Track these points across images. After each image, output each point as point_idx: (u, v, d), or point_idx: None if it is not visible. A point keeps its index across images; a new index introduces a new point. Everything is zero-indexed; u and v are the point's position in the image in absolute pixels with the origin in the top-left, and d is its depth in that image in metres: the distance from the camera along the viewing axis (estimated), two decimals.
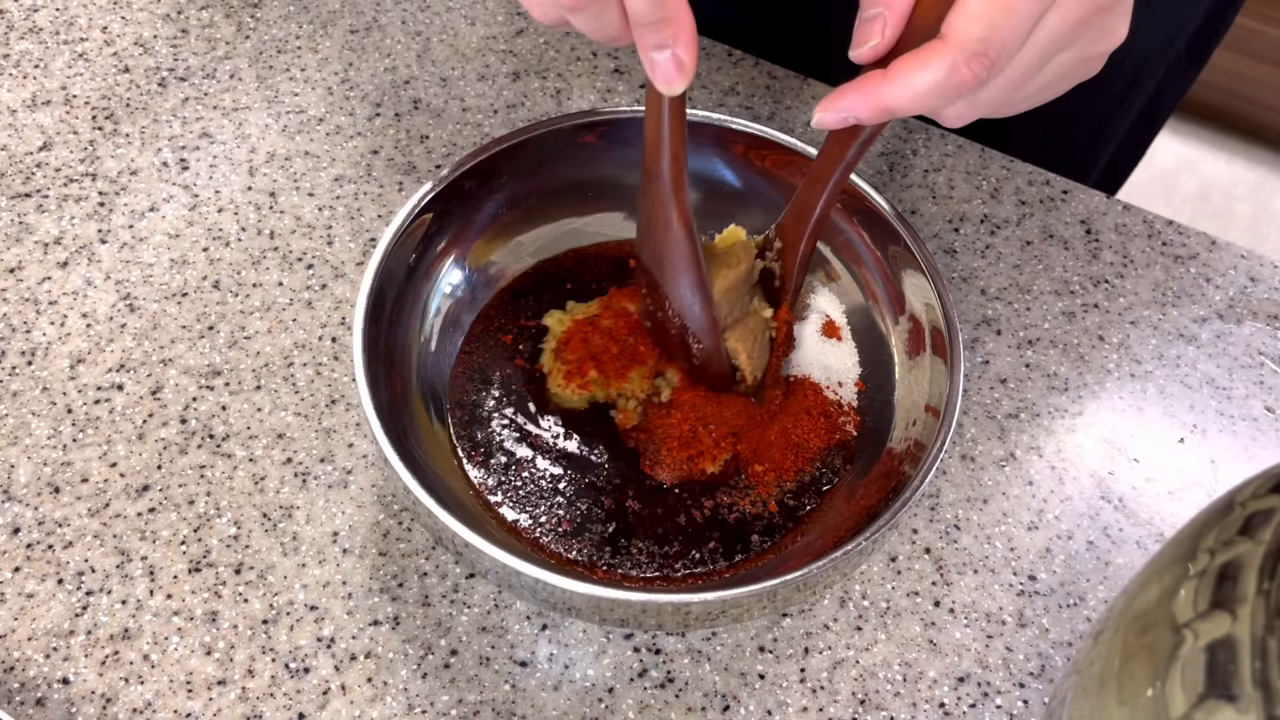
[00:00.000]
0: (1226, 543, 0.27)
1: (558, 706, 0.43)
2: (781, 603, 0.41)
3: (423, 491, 0.40)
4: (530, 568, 0.38)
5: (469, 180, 0.49)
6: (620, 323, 0.49)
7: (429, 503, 0.39)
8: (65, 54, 0.63)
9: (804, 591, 0.42)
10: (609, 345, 0.48)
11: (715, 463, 0.47)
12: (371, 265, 0.45)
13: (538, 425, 0.48)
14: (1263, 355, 0.55)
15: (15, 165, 0.58)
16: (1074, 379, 0.54)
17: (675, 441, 0.47)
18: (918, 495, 0.41)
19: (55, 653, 0.44)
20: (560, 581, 0.38)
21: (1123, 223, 0.59)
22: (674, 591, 0.40)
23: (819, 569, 0.38)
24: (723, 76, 0.64)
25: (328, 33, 0.65)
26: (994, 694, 0.45)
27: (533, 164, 0.51)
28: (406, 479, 0.40)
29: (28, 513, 0.47)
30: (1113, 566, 0.48)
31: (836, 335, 0.51)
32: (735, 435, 0.47)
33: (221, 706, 0.43)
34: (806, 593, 0.43)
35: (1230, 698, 0.24)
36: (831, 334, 0.51)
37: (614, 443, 0.47)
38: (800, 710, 0.44)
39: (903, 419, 0.47)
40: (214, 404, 0.51)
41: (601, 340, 0.49)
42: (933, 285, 0.47)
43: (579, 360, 0.48)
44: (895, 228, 0.48)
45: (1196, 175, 1.71)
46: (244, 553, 0.47)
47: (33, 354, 0.52)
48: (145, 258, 0.55)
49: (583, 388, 0.48)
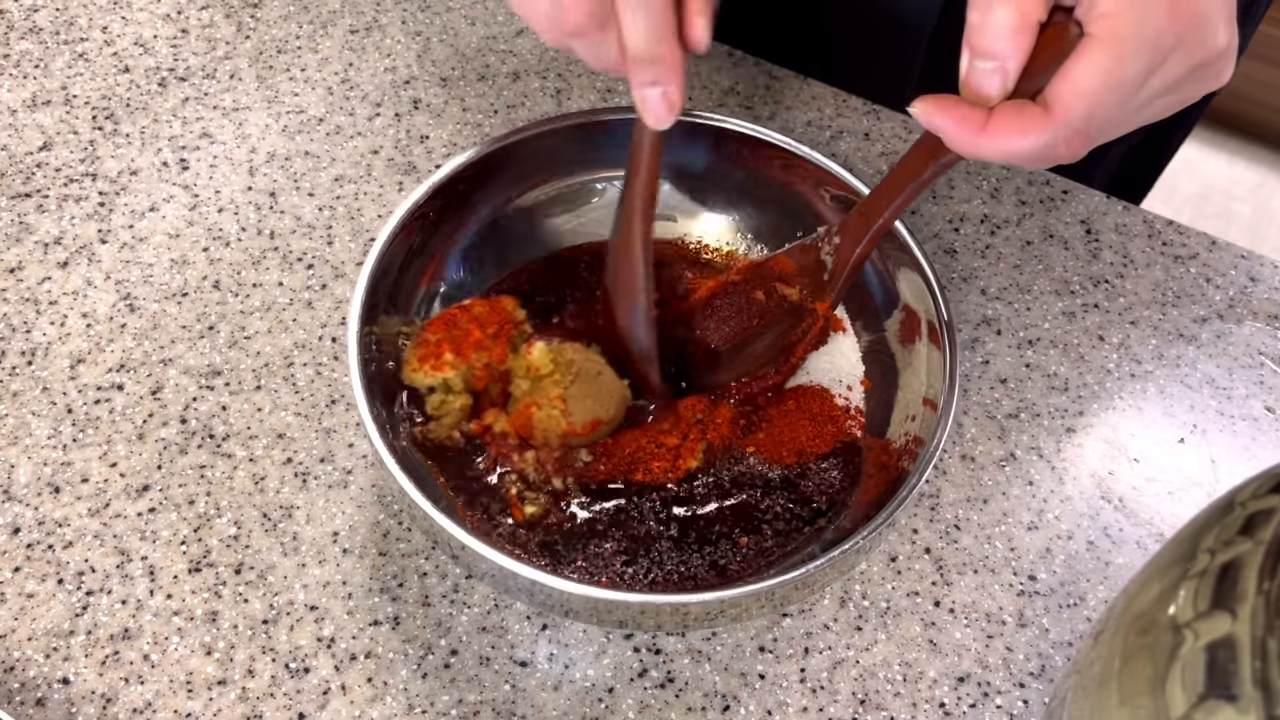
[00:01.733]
0: (1226, 543, 0.27)
1: (558, 706, 0.43)
2: (780, 602, 0.41)
3: (418, 493, 0.40)
4: (527, 570, 0.38)
5: (464, 180, 0.49)
6: (490, 312, 0.49)
7: (425, 505, 0.39)
8: (65, 54, 0.63)
9: (802, 590, 0.42)
10: (472, 330, 0.48)
11: (695, 455, 0.47)
12: (368, 265, 0.45)
13: None
14: (1263, 355, 0.55)
15: (15, 165, 0.58)
16: (1074, 379, 0.54)
17: (648, 459, 0.47)
18: (915, 494, 0.41)
19: (55, 653, 0.44)
20: (557, 583, 0.38)
21: (1123, 223, 0.59)
22: (672, 592, 0.40)
23: (816, 568, 0.38)
24: (723, 76, 0.64)
25: (328, 33, 0.65)
26: (994, 694, 0.45)
27: (529, 163, 0.51)
28: (402, 480, 0.40)
29: (28, 513, 0.47)
30: (1113, 566, 0.48)
31: (841, 328, 0.51)
32: (700, 424, 0.47)
33: (221, 706, 0.43)
34: (805, 592, 0.43)
35: (1230, 698, 0.24)
36: (837, 327, 0.51)
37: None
38: (800, 710, 0.44)
39: (900, 413, 0.47)
40: (214, 404, 0.51)
41: (466, 325, 0.48)
42: (925, 279, 0.47)
43: (437, 342, 0.47)
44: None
45: (1196, 175, 1.71)
46: (244, 553, 0.47)
47: (33, 354, 0.52)
48: (145, 258, 0.55)
49: (436, 369, 0.47)
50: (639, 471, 0.46)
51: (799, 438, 0.48)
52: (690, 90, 0.63)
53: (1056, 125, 0.34)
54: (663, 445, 0.47)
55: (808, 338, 0.48)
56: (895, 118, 0.63)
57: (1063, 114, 0.34)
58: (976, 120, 0.35)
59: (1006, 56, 0.34)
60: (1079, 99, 0.33)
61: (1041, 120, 0.34)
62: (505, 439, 0.47)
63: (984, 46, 0.34)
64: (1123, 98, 0.34)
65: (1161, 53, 0.34)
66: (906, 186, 0.43)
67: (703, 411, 0.48)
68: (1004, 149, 0.35)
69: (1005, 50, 0.34)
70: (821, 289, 0.48)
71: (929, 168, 0.42)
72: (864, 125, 0.62)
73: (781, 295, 0.49)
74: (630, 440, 0.47)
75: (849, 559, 0.40)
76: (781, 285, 0.49)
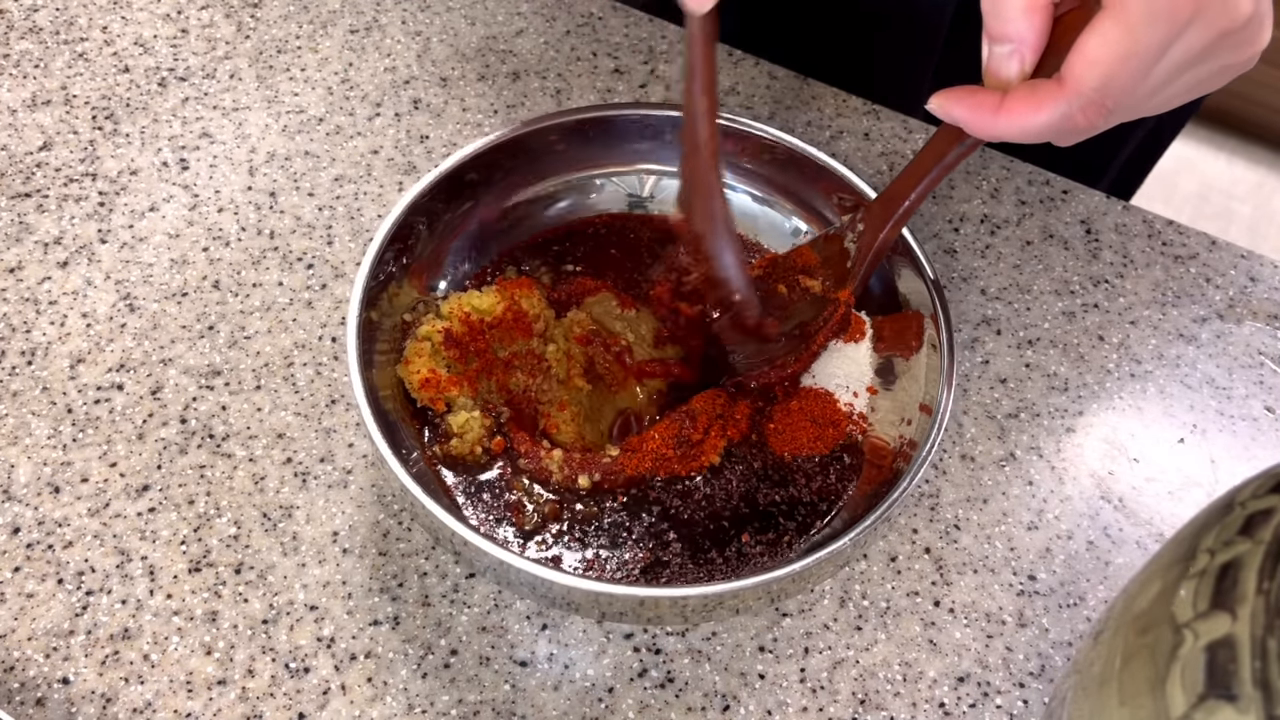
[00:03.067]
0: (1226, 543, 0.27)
1: (558, 706, 0.43)
2: (778, 595, 0.41)
3: (418, 489, 0.40)
4: (528, 565, 0.38)
5: (467, 174, 0.49)
6: (506, 312, 0.48)
7: (425, 501, 0.39)
8: (65, 54, 0.63)
9: (799, 584, 0.42)
10: (482, 348, 0.48)
11: (717, 452, 0.47)
12: (367, 260, 0.45)
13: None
14: (1263, 355, 0.55)
15: (15, 165, 0.58)
16: (1074, 379, 0.54)
17: (672, 458, 0.47)
18: (912, 490, 0.41)
19: (55, 652, 0.44)
20: (558, 578, 0.38)
21: (1123, 223, 0.59)
22: (671, 586, 0.40)
23: (815, 562, 0.39)
24: (723, 76, 0.64)
25: (328, 33, 0.65)
26: (994, 694, 0.45)
27: (528, 159, 0.51)
28: (403, 477, 0.40)
29: (28, 513, 0.47)
30: (1113, 566, 0.48)
31: (862, 333, 0.50)
32: (721, 420, 0.48)
33: (221, 706, 0.43)
34: (802, 585, 0.43)
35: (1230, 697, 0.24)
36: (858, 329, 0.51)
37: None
38: (800, 710, 0.44)
39: (899, 415, 0.47)
40: (214, 404, 0.51)
41: (473, 341, 0.48)
42: (927, 282, 0.47)
43: (441, 381, 0.47)
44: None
45: (1196, 175, 1.71)
46: (244, 553, 0.47)
47: (33, 354, 0.52)
48: (145, 258, 0.55)
49: (433, 402, 0.47)
50: (662, 469, 0.47)
51: (800, 439, 0.48)
52: None
53: (1070, 96, 0.34)
54: (685, 441, 0.47)
55: (828, 326, 0.48)
56: (895, 117, 0.63)
57: (1075, 85, 0.34)
58: (992, 103, 0.36)
59: (1021, 37, 0.35)
60: (1090, 69, 0.34)
61: (1055, 93, 0.34)
62: (531, 440, 0.47)
63: (999, 30, 0.35)
64: (1138, 66, 0.34)
65: (1178, 22, 0.34)
66: (931, 170, 0.44)
67: (722, 407, 0.48)
68: (1021, 126, 0.35)
69: (1019, 31, 0.35)
70: (844, 277, 0.48)
71: (952, 150, 0.42)
72: (864, 125, 0.62)
73: (804, 288, 0.49)
74: (654, 437, 0.47)
75: (844, 554, 0.40)
76: (804, 278, 0.49)
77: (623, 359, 0.49)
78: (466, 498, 0.46)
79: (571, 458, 0.46)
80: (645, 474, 0.46)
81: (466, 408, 0.46)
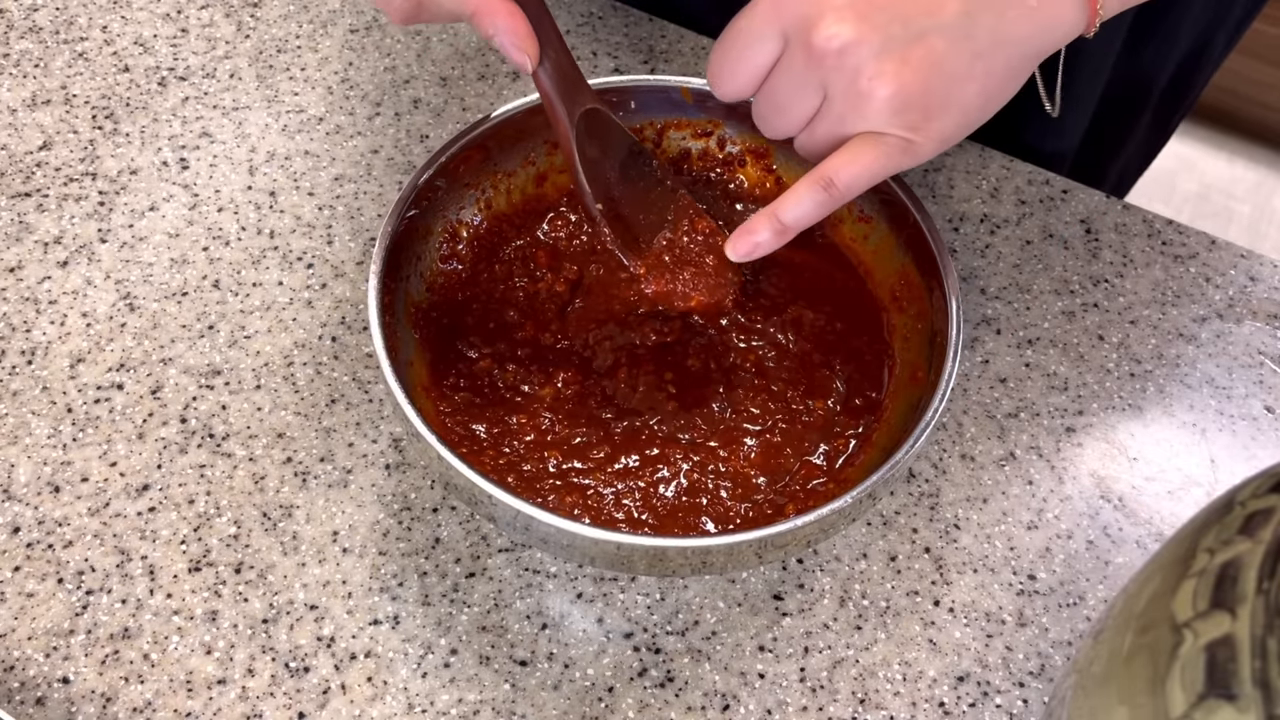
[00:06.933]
0: (1226, 542, 0.27)
1: (558, 706, 0.43)
2: (773, 548, 0.42)
3: (429, 431, 0.40)
4: (545, 515, 0.39)
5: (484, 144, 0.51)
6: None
7: (447, 455, 0.40)
8: (65, 53, 0.63)
9: (799, 544, 0.42)
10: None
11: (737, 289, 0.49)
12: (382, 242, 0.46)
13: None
14: (1262, 355, 0.55)
15: (15, 165, 0.58)
16: (1074, 378, 0.54)
17: (691, 270, 0.49)
18: (910, 456, 0.41)
19: (55, 652, 0.44)
20: (570, 526, 0.39)
21: (1123, 222, 0.59)
22: (685, 537, 0.40)
23: (805, 524, 0.39)
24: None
25: (328, 32, 0.65)
26: (994, 693, 0.45)
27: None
28: (413, 418, 0.41)
29: (28, 512, 0.47)
30: (1113, 566, 0.48)
31: None
32: (733, 270, 0.49)
33: (221, 706, 0.43)
34: (801, 545, 0.43)
35: (1230, 697, 0.24)
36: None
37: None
38: (800, 710, 0.44)
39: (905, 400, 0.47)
40: (214, 403, 0.51)
41: None
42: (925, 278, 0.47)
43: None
44: (911, 212, 0.49)
45: (1196, 175, 1.71)
46: (244, 552, 0.47)
47: (33, 353, 0.52)
48: (145, 257, 0.55)
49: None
50: (686, 299, 0.48)
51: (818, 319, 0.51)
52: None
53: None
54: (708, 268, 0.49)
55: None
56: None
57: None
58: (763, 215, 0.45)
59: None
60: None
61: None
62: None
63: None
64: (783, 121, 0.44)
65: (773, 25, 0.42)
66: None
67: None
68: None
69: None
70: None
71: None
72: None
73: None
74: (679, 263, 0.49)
75: (835, 519, 0.40)
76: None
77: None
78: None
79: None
80: (671, 299, 0.49)
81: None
